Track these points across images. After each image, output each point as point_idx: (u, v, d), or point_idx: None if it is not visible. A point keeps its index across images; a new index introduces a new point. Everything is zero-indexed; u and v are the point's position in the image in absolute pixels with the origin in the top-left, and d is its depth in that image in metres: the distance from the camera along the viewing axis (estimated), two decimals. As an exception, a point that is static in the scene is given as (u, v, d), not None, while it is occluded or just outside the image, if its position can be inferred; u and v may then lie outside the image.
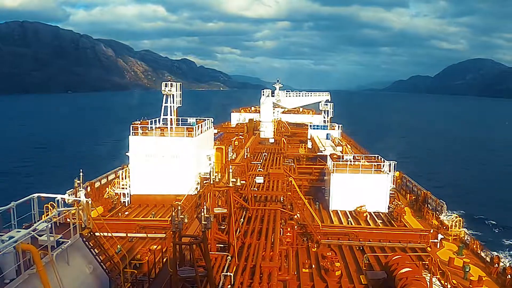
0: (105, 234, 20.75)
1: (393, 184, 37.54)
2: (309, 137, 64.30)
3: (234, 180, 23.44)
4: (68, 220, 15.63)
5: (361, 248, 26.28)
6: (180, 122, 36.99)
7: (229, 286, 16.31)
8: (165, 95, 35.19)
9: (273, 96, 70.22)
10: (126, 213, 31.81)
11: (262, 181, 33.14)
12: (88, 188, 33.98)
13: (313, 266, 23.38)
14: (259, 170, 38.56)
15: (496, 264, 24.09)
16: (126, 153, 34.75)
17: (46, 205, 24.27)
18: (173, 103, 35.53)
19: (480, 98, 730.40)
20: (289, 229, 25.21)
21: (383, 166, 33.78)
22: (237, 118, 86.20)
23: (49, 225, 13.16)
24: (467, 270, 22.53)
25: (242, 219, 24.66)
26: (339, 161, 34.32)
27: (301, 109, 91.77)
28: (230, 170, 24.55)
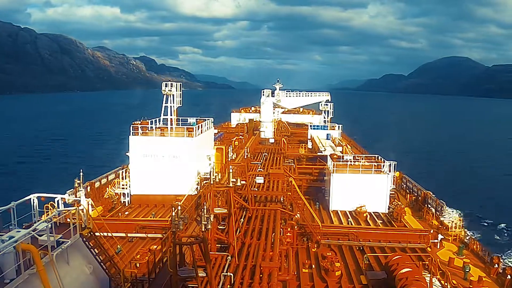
0: (105, 234, 20.79)
1: (393, 184, 37.54)
2: (309, 137, 64.29)
3: (234, 180, 23.49)
4: (68, 220, 15.64)
5: (361, 248, 26.28)
6: (180, 122, 37.00)
7: (229, 286, 16.31)
8: (165, 95, 35.20)
9: (273, 96, 70.27)
10: (126, 213, 31.80)
11: (262, 181, 33.15)
12: (88, 188, 33.97)
13: (313, 266, 23.38)
14: (259, 170, 38.56)
15: (496, 265, 24.10)
16: (126, 153, 34.76)
17: (46, 205, 24.28)
18: (173, 103, 35.54)
19: (462, 97, 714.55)
20: (289, 229, 25.22)
21: (383, 166, 33.76)
22: (237, 118, 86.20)
23: (49, 225, 13.16)
24: (467, 270, 22.53)
25: (242, 219, 24.67)
26: (339, 161, 34.30)
27: (301, 109, 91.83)
28: (230, 170, 24.56)
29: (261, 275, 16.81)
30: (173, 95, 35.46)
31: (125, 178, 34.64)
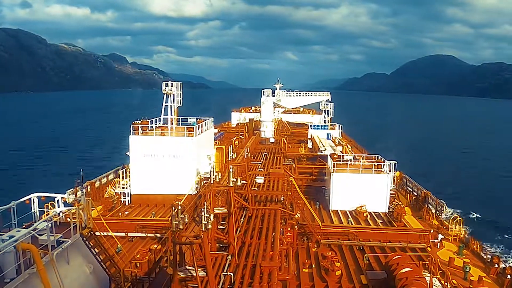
0: (105, 233, 20.80)
1: (393, 184, 37.53)
2: (309, 137, 64.30)
3: (234, 180, 23.45)
4: (68, 219, 15.65)
5: (361, 248, 26.29)
6: (180, 122, 37.01)
7: (229, 285, 16.31)
8: (165, 95, 35.21)
9: (274, 96, 70.29)
10: (126, 212, 31.82)
11: (262, 181, 33.13)
12: (88, 188, 34.01)
13: (313, 266, 23.39)
14: (259, 170, 38.54)
15: (496, 264, 24.11)
16: (127, 153, 34.77)
17: (46, 204, 24.29)
18: (174, 102, 35.55)
19: (454, 97, 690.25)
20: (289, 229, 25.21)
21: (383, 166, 33.77)
22: (238, 117, 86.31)
23: (49, 225, 13.16)
24: (467, 270, 22.52)
25: (242, 219, 24.65)
26: (340, 161, 34.31)
27: (301, 109, 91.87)
28: (231, 170, 24.53)
29: (261, 275, 16.79)
30: (173, 94, 35.47)
31: (125, 178, 34.66)
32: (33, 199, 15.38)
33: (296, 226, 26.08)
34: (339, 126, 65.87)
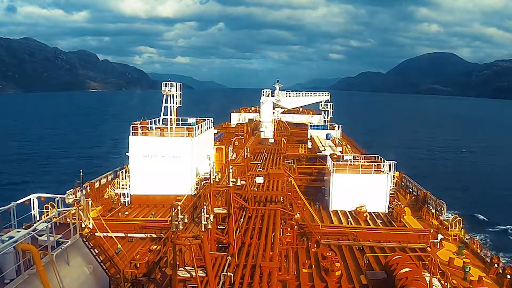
0: (105, 234, 20.82)
1: (393, 184, 37.52)
2: (309, 137, 64.31)
3: (234, 180, 23.43)
4: (68, 220, 15.66)
5: (361, 248, 26.29)
6: (180, 122, 37.02)
7: (229, 286, 16.30)
8: (165, 95, 35.22)
9: (273, 96, 70.30)
10: (126, 213, 31.80)
11: (262, 181, 33.10)
12: (88, 188, 33.98)
13: (313, 266, 23.39)
14: (259, 170, 38.50)
15: (496, 264, 24.12)
16: (126, 153, 34.77)
17: (46, 205, 24.30)
18: (173, 103, 35.56)
19: (462, 98, 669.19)
20: (289, 229, 25.21)
21: (383, 166, 33.76)
22: (237, 118, 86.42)
23: (49, 225, 13.18)
24: (467, 270, 22.53)
25: (241, 219, 24.63)
26: (339, 161, 34.31)
27: (301, 109, 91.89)
28: (230, 170, 24.51)
29: (261, 275, 16.78)
30: (173, 95, 35.47)
31: (125, 178, 34.65)
32: (33, 199, 15.38)
33: (296, 227, 26.07)
34: (338, 126, 65.87)
